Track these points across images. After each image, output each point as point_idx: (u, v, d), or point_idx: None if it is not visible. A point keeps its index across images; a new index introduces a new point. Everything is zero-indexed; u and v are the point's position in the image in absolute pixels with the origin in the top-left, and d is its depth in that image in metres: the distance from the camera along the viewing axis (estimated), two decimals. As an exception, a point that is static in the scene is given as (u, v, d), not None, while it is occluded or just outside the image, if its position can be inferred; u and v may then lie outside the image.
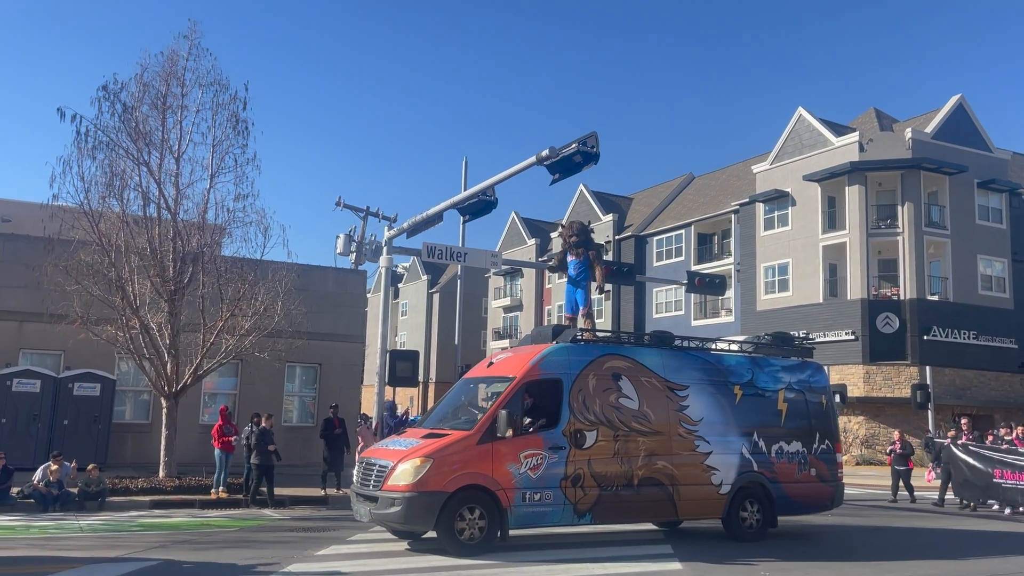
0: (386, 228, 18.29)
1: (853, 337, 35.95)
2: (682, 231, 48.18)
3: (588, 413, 11.32)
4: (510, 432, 10.63)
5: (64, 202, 16.41)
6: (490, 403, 11.38)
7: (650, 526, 13.45)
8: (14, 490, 14.62)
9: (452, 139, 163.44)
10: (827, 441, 13.44)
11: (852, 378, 35.26)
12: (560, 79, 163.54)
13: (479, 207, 16.70)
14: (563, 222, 13.36)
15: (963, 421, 19.91)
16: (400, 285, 79.22)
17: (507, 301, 62.48)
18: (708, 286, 23.70)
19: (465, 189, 19.95)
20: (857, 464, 33.47)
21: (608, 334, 12.75)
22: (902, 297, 36.03)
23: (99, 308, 17.11)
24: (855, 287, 36.49)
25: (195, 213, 17.73)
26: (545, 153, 13.93)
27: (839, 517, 15.11)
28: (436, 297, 72.01)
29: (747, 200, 42.33)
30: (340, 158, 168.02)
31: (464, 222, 19.46)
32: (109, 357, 20.33)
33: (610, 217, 53.17)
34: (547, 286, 58.41)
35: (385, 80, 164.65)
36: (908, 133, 37.21)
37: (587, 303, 13.47)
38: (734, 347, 13.94)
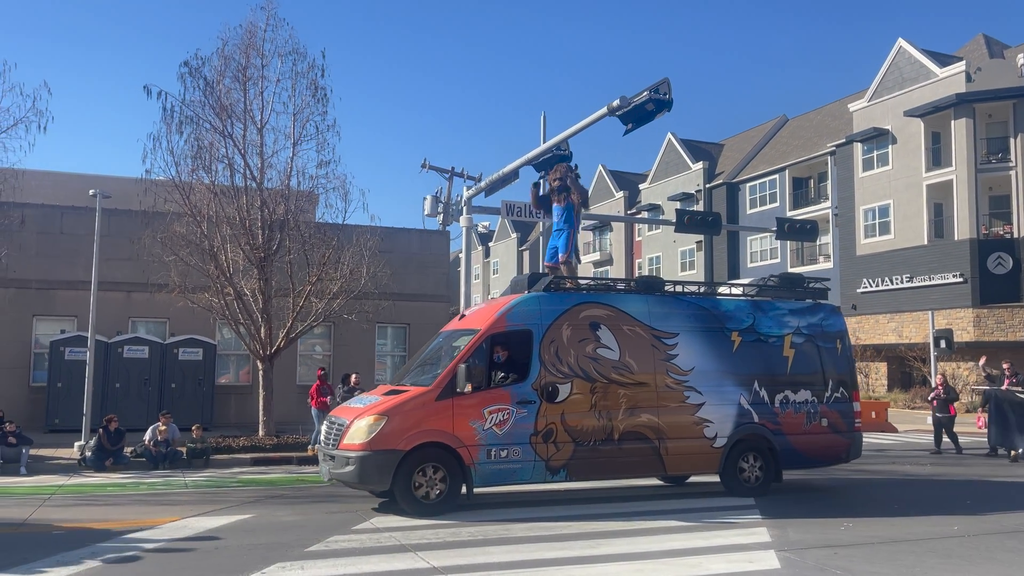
0: (464, 188, 18.41)
1: (961, 279, 34.13)
2: (776, 176, 46.55)
3: (561, 365, 10.82)
4: (469, 387, 10.30)
5: (157, 176, 17.14)
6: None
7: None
8: (127, 449, 15.61)
9: (534, 95, 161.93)
10: (842, 389, 12.58)
11: (961, 322, 33.57)
12: (645, 23, 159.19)
13: (553, 162, 16.52)
14: (554, 171, 12.88)
15: (1005, 365, 18.07)
16: (491, 244, 79.78)
17: (596, 256, 62.07)
18: (799, 232, 22.86)
19: (544, 144, 19.79)
20: (967, 412, 31.98)
21: (590, 281, 12.34)
22: (1016, 235, 33.89)
23: (195, 277, 17.91)
24: (963, 227, 34.54)
25: (279, 181, 18.26)
26: (616, 103, 13.60)
27: (939, 467, 14.46)
28: (526, 255, 72.22)
29: (844, 140, 40.49)
30: (422, 118, 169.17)
31: (541, 178, 19.31)
32: (210, 323, 21.33)
33: (700, 165, 51.83)
34: (637, 239, 57.68)
35: (463, 34, 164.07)
36: (1021, 59, 34.60)
37: (568, 250, 12.71)
38: (736, 291, 13.12)
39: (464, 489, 10.32)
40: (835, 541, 8.67)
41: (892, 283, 36.89)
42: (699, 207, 48.86)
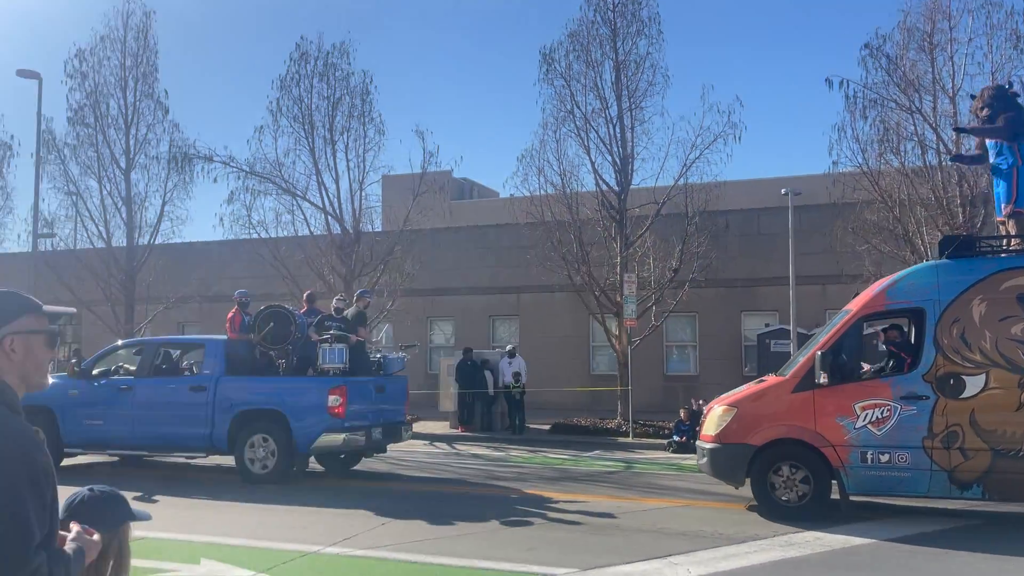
0: None
1: None
2: None
3: (969, 351, 8.61)
4: (824, 377, 8.90)
5: (843, 167, 17.14)
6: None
7: None
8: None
9: None
10: None
11: None
12: None
13: None
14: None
15: None
16: None
17: None
18: None
19: None
20: None
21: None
22: None
23: (890, 264, 17.26)
24: None
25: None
26: None
27: None
28: None
29: None
30: None
31: None
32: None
33: None
34: None
35: None
36: None
37: (1011, 198, 9.15)
38: None
39: (837, 495, 9.02)
40: None
41: None
42: None
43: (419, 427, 19.92)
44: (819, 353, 9.04)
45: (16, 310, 2.19)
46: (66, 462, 12.67)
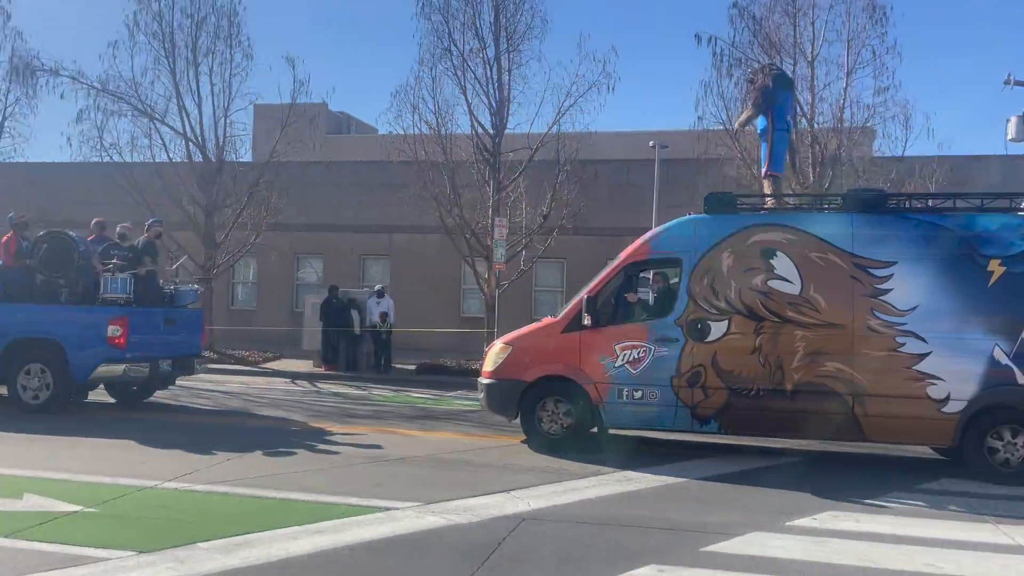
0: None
1: None
2: None
3: (716, 299, 9.31)
4: (588, 319, 9.47)
5: (708, 124, 17.72)
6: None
7: None
8: None
9: None
10: None
11: None
12: None
13: None
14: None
15: None
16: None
17: None
18: None
19: None
20: None
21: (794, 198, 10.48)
22: None
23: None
24: None
25: (830, 115, 17.36)
26: None
27: None
28: None
29: None
30: (997, 26, 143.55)
31: None
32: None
33: None
34: None
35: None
36: None
37: (768, 160, 10.92)
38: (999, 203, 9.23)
39: (595, 429, 9.82)
40: None
41: None
42: None
43: (280, 365, 19.58)
44: (585, 297, 9.66)
45: None
46: None
